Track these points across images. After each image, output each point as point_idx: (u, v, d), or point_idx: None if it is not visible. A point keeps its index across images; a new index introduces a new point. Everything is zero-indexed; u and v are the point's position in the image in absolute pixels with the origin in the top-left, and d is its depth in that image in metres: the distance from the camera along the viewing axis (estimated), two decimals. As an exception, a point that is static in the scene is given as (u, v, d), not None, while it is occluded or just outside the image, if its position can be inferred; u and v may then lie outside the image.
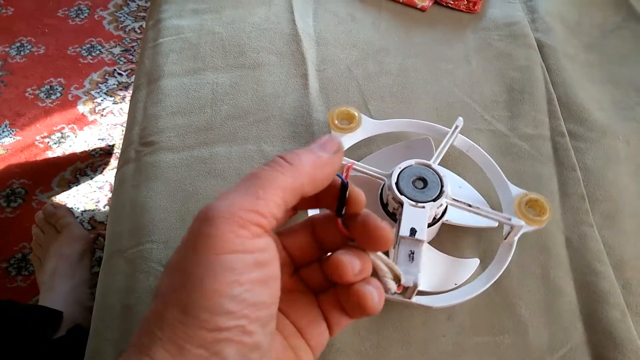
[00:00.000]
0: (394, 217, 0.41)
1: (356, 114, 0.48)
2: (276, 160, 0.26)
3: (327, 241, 0.30)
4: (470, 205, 0.41)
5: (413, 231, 0.37)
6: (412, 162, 0.41)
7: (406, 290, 0.40)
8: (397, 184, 0.40)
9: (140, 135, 0.54)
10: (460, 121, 0.46)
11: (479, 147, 0.47)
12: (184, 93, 0.56)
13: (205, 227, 0.23)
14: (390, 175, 0.41)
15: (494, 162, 0.46)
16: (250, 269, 0.23)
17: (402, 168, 0.41)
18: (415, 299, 0.40)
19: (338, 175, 0.28)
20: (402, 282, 0.31)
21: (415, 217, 0.38)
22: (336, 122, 0.48)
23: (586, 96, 0.54)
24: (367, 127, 0.48)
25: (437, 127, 0.48)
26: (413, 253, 0.36)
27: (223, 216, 0.23)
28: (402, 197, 0.39)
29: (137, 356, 0.22)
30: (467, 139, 0.47)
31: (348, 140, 0.48)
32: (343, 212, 0.28)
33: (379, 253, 0.29)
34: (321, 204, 0.29)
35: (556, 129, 0.52)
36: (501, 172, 0.45)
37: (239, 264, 0.22)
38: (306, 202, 0.28)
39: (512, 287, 0.44)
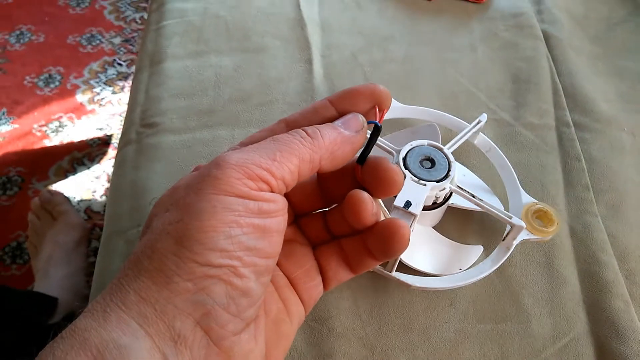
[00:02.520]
0: None
1: None
2: (298, 131, 0.25)
3: (333, 191, 0.29)
4: (473, 196, 0.40)
5: (408, 204, 0.36)
6: (424, 142, 0.41)
7: (387, 263, 0.40)
8: (404, 159, 0.40)
9: (141, 117, 0.53)
10: (484, 117, 0.46)
11: (499, 150, 0.46)
12: (187, 76, 0.55)
13: (214, 170, 0.23)
14: (400, 150, 0.41)
15: (511, 168, 0.46)
16: (252, 214, 0.23)
17: (413, 146, 0.41)
18: (425, 283, 0.40)
19: (370, 122, 0.28)
20: None
21: (414, 192, 0.38)
22: None
23: (592, 87, 0.54)
24: (392, 109, 0.48)
25: (462, 122, 0.48)
26: None
27: (234, 164, 0.23)
28: (406, 171, 0.39)
29: (119, 288, 0.22)
30: (488, 139, 0.47)
31: None
32: (365, 160, 0.28)
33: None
34: (333, 189, 0.29)
35: (561, 119, 0.52)
36: (516, 179, 0.45)
37: (241, 207, 0.22)
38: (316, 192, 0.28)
39: (515, 275, 0.44)
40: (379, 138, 0.43)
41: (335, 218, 0.30)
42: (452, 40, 0.58)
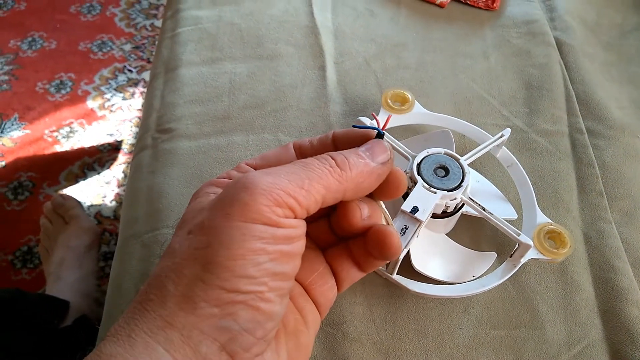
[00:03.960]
0: (406, 197, 0.41)
1: (410, 97, 0.49)
2: (327, 158, 0.25)
3: None
4: (484, 209, 0.40)
5: (415, 209, 0.37)
6: (441, 150, 0.41)
7: (388, 265, 0.40)
8: (418, 166, 0.40)
9: (157, 123, 0.54)
10: (507, 131, 0.46)
11: (520, 166, 0.46)
12: (202, 82, 0.56)
13: (242, 194, 0.23)
14: (416, 156, 0.41)
15: (530, 185, 0.45)
16: (278, 242, 0.23)
17: (429, 153, 0.41)
18: (437, 291, 0.40)
19: (373, 129, 0.28)
20: None
21: (423, 198, 0.38)
22: (389, 101, 0.48)
23: (605, 94, 0.54)
24: (417, 114, 0.49)
25: (486, 134, 0.48)
26: (406, 228, 0.36)
27: (263, 189, 0.23)
28: (418, 178, 0.39)
29: (143, 313, 0.22)
30: (511, 154, 0.47)
31: (392, 121, 0.49)
32: None
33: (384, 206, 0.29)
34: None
35: (574, 126, 0.52)
36: (534, 197, 0.45)
37: (268, 235, 0.22)
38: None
39: (529, 281, 0.44)
40: (397, 142, 0.43)
41: (335, 215, 0.30)
42: (465, 47, 0.59)
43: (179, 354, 0.21)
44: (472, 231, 0.46)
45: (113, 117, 1.25)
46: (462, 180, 0.40)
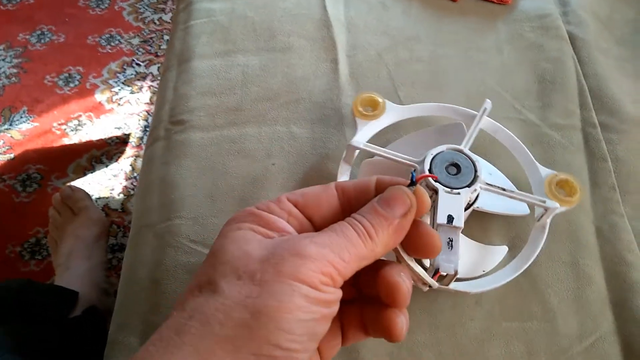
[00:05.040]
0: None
1: (380, 100, 0.48)
2: (362, 231, 0.26)
3: None
4: (504, 190, 0.40)
5: (450, 218, 0.35)
6: (443, 147, 0.40)
7: (444, 278, 0.39)
8: (430, 170, 0.39)
9: (170, 114, 0.54)
10: (488, 103, 0.46)
11: (507, 130, 0.47)
12: (215, 74, 0.56)
13: (294, 258, 0.24)
14: (423, 161, 0.40)
15: (522, 145, 0.46)
16: (320, 304, 0.24)
17: (434, 154, 0.40)
18: (452, 285, 0.40)
19: (412, 182, 0.29)
20: (441, 270, 0.32)
21: (451, 203, 0.37)
22: (360, 109, 0.47)
23: (618, 89, 0.54)
24: (392, 114, 0.48)
25: (463, 109, 0.47)
26: (452, 240, 0.35)
27: (314, 258, 0.24)
28: (437, 184, 0.38)
29: (179, 347, 0.23)
30: (494, 122, 0.47)
31: (374, 126, 0.47)
32: None
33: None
34: None
35: (587, 120, 0.52)
36: (530, 154, 0.45)
37: (313, 296, 0.24)
38: None
39: (540, 274, 0.44)
40: (396, 153, 0.42)
41: (367, 280, 0.30)
42: (478, 41, 0.59)
43: None
44: (482, 225, 0.46)
45: (121, 110, 1.26)
46: (476, 171, 0.39)
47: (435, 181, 0.38)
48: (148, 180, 0.51)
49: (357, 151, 0.45)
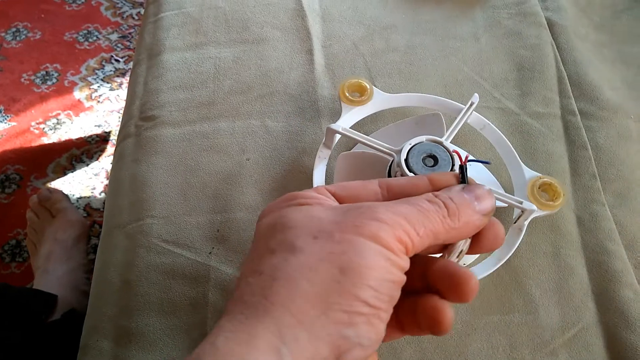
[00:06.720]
0: None
1: (368, 86, 0.47)
2: (441, 205, 0.26)
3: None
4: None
5: None
6: (422, 138, 0.40)
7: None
8: (406, 160, 0.38)
9: (140, 110, 0.52)
10: (475, 97, 0.45)
11: (494, 126, 0.46)
12: (186, 68, 0.54)
13: (372, 222, 0.24)
14: (400, 151, 0.39)
15: (508, 142, 0.45)
16: (397, 268, 0.24)
17: (412, 144, 0.39)
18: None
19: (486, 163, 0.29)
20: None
21: None
22: (347, 94, 0.47)
23: (597, 75, 0.53)
24: (379, 101, 0.47)
25: (451, 103, 0.47)
26: None
27: (389, 224, 0.24)
28: (411, 175, 0.38)
29: (267, 309, 0.22)
30: (482, 117, 0.46)
31: (357, 113, 0.47)
32: None
33: None
34: None
35: (567, 108, 0.51)
36: (515, 154, 0.44)
37: (392, 259, 0.23)
38: None
39: (521, 266, 0.43)
40: (376, 140, 0.41)
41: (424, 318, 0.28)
42: (455, 29, 0.57)
43: (302, 356, 0.21)
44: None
45: (100, 107, 1.23)
46: (454, 165, 0.39)
47: (410, 171, 0.38)
48: (118, 178, 0.49)
49: (338, 136, 0.44)
